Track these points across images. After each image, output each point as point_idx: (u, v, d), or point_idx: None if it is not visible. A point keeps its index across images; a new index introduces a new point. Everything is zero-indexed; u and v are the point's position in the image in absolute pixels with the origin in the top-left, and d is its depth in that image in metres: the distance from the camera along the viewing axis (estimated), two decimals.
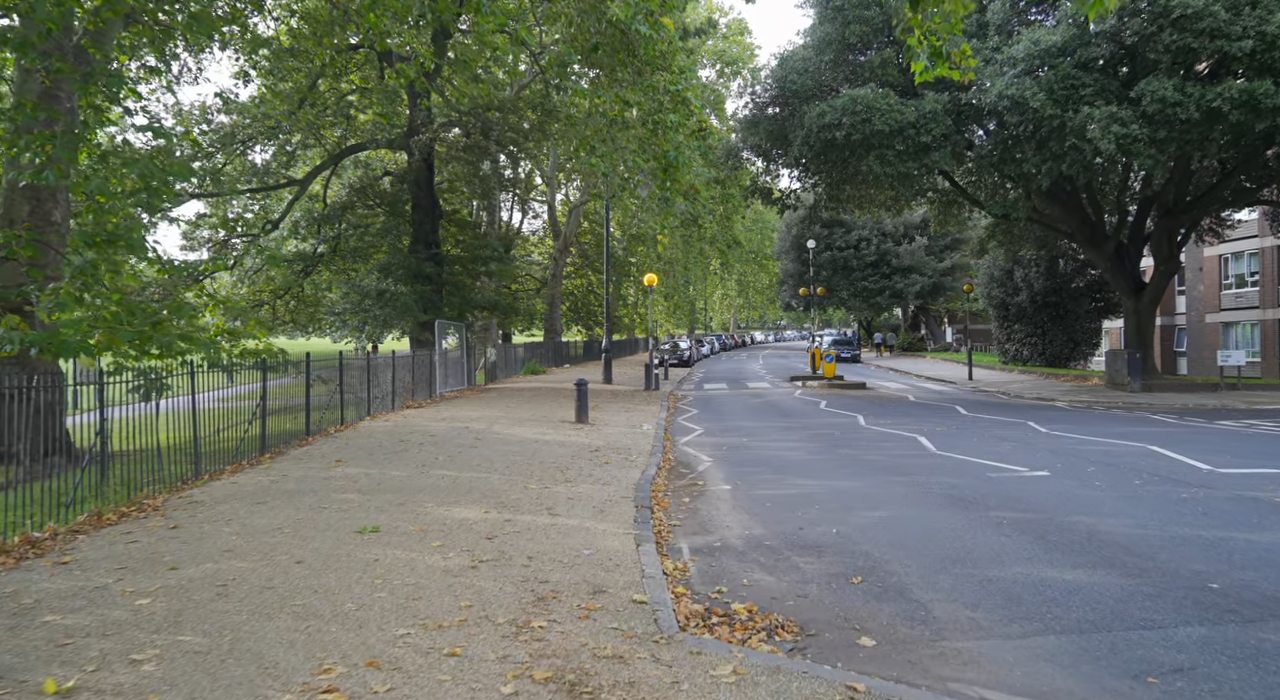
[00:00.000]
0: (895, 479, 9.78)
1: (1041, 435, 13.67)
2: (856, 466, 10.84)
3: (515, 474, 9.70)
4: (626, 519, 7.46)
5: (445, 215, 26.01)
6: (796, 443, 13.48)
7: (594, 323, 56.78)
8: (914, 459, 11.35)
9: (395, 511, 7.53)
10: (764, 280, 76.31)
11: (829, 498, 8.77)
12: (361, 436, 13.05)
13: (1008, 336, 36.48)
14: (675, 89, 16.71)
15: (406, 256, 23.77)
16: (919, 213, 50.26)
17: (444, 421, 15.28)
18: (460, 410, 17.49)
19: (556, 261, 42.16)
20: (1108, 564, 6.04)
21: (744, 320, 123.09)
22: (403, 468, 9.95)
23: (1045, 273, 34.07)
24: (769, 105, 23.87)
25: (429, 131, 21.74)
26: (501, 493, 8.52)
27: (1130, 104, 16.43)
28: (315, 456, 10.92)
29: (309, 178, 24.29)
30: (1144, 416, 16.87)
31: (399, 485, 8.80)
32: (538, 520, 7.31)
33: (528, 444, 12.37)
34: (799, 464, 11.23)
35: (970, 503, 8.28)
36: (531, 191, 50.35)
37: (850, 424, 16.04)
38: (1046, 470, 10.07)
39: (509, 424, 14.97)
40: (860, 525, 7.45)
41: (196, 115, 24.47)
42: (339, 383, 14.61)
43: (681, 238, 45.28)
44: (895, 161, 19.57)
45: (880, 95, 19.34)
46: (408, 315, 22.58)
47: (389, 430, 13.87)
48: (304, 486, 8.72)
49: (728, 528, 7.57)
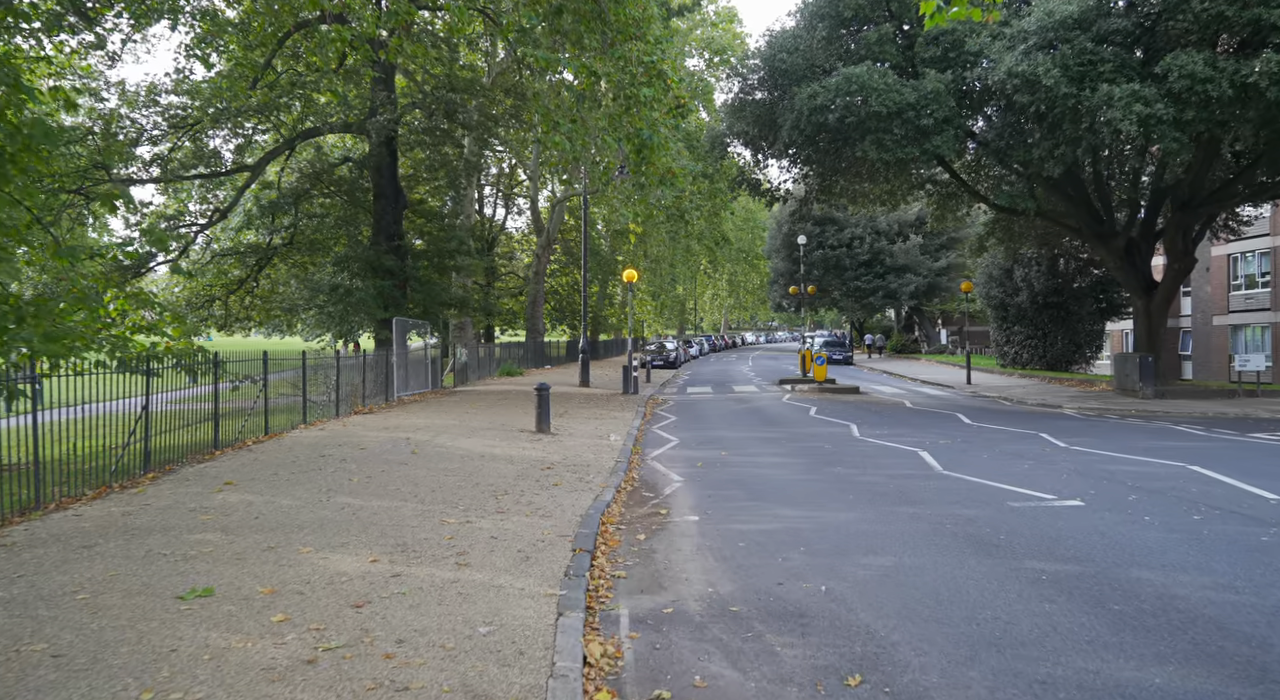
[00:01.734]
0: (898, 509, 8.10)
1: (1060, 451, 12.01)
2: (851, 491, 9.15)
3: (438, 502, 7.97)
4: (556, 571, 5.75)
5: (410, 205, 24.23)
6: (782, 458, 11.79)
7: (578, 322, 55.01)
8: (918, 481, 9.67)
9: (253, 561, 5.79)
10: (755, 280, 74.78)
11: (818, 536, 7.07)
12: (279, 450, 11.29)
13: (1007, 339, 34.92)
14: (650, 61, 15.00)
15: (365, 248, 22.00)
16: (913, 210, 48.78)
17: (385, 431, 13.53)
18: (410, 417, 15.74)
19: (539, 259, 40.42)
20: (1204, 656, 4.35)
21: (735, 321, 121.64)
22: (301, 493, 8.20)
23: (1046, 272, 32.53)
24: (756, 88, 22.19)
25: (387, 111, 19.96)
26: (409, 530, 6.79)
27: (1154, 81, 14.82)
28: (207, 477, 9.16)
29: (262, 163, 22.47)
30: (1166, 427, 15.25)
31: (281, 519, 7.06)
32: (438, 574, 5.59)
33: (470, 460, 10.63)
34: (783, 486, 9.53)
35: (994, 547, 6.59)
36: (516, 187, 48.64)
37: (843, 435, 14.36)
38: (1078, 498, 8.40)
39: (458, 434, 13.23)
40: (858, 581, 5.76)
41: (143, 97, 22.63)
42: (263, 387, 12.84)
43: (668, 233, 43.57)
44: (893, 146, 17.92)
45: (877, 74, 17.68)
46: (365, 312, 20.81)
47: (316, 442, 12.11)
48: (160, 522, 6.96)
49: (686, 581, 5.86)
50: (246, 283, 24.56)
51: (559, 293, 53.20)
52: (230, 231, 26.62)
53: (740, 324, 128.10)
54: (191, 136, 22.63)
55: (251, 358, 12.83)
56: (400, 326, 20.51)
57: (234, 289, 24.53)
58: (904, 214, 49.03)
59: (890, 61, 18.79)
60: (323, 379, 16.13)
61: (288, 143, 22.55)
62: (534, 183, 42.55)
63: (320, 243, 23.94)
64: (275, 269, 25.46)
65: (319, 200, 24.16)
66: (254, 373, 12.80)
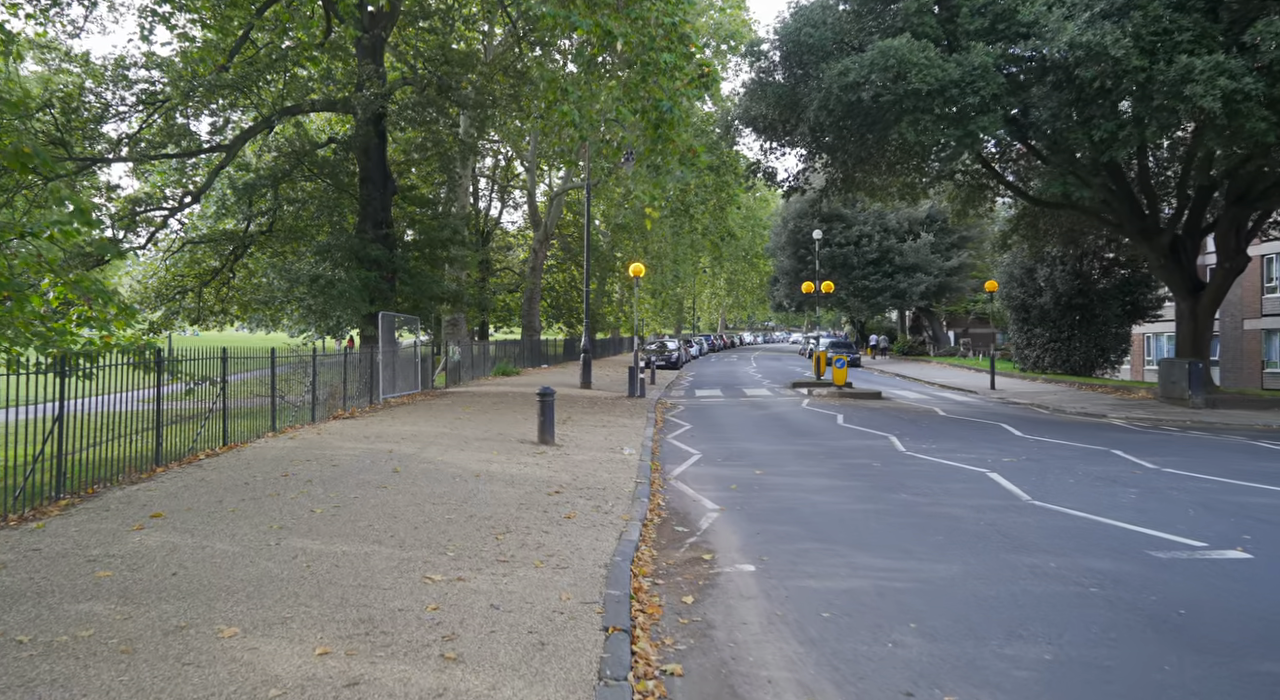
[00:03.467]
0: (1008, 559, 6.36)
1: (1155, 474, 10.30)
2: (933, 528, 7.41)
3: (420, 544, 6.20)
4: (585, 671, 4.00)
5: (400, 191, 22.40)
6: (829, 479, 10.05)
7: (575, 320, 53.31)
8: (1010, 515, 7.94)
9: (146, 656, 4.00)
10: (754, 279, 73.20)
11: (925, 603, 5.33)
12: (235, 466, 9.48)
13: (1027, 341, 33.28)
14: (670, 22, 13.27)
15: (350, 237, 20.15)
16: (924, 207, 47.16)
17: (365, 441, 11.74)
18: (396, 424, 13.94)
19: (536, 253, 38.61)
20: None
21: (732, 321, 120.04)
22: (244, 532, 6.41)
23: (1071, 272, 30.91)
24: (777, 68, 20.45)
25: (374, 86, 18.14)
26: (378, 594, 5.02)
27: (1242, 52, 13.13)
28: (133, 505, 7.35)
29: (238, 141, 20.57)
30: (1244, 443, 13.57)
31: (208, 576, 5.27)
32: (415, 679, 3.82)
33: (462, 480, 8.86)
34: (846, 520, 7.79)
35: (1178, 629, 4.85)
36: (512, 180, 46.83)
37: (886, 449, 12.63)
38: (1236, 547, 6.66)
39: (449, 446, 11.44)
40: (1021, 692, 4.01)
41: (110, 71, 20.73)
42: (221, 388, 11.03)
43: (671, 229, 41.80)
44: (932, 128, 16.20)
45: (917, 48, 15.96)
46: (349, 306, 18.96)
47: (281, 455, 10.31)
48: (38, 581, 5.15)
49: (769, 686, 4.11)
50: (222, 272, 22.67)
51: (555, 290, 51.41)
52: (208, 219, 24.77)
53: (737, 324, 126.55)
54: (163, 114, 20.75)
55: (210, 355, 11.02)
56: (387, 322, 18.70)
57: (208, 279, 22.64)
58: (915, 211, 47.41)
59: (929, 34, 17.06)
60: (300, 380, 14.34)
61: (266, 121, 20.68)
62: (531, 175, 40.77)
63: (301, 230, 22.07)
64: (254, 259, 23.59)
65: (300, 185, 22.30)
66: (212, 371, 11.00)
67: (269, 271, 20.68)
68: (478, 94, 20.54)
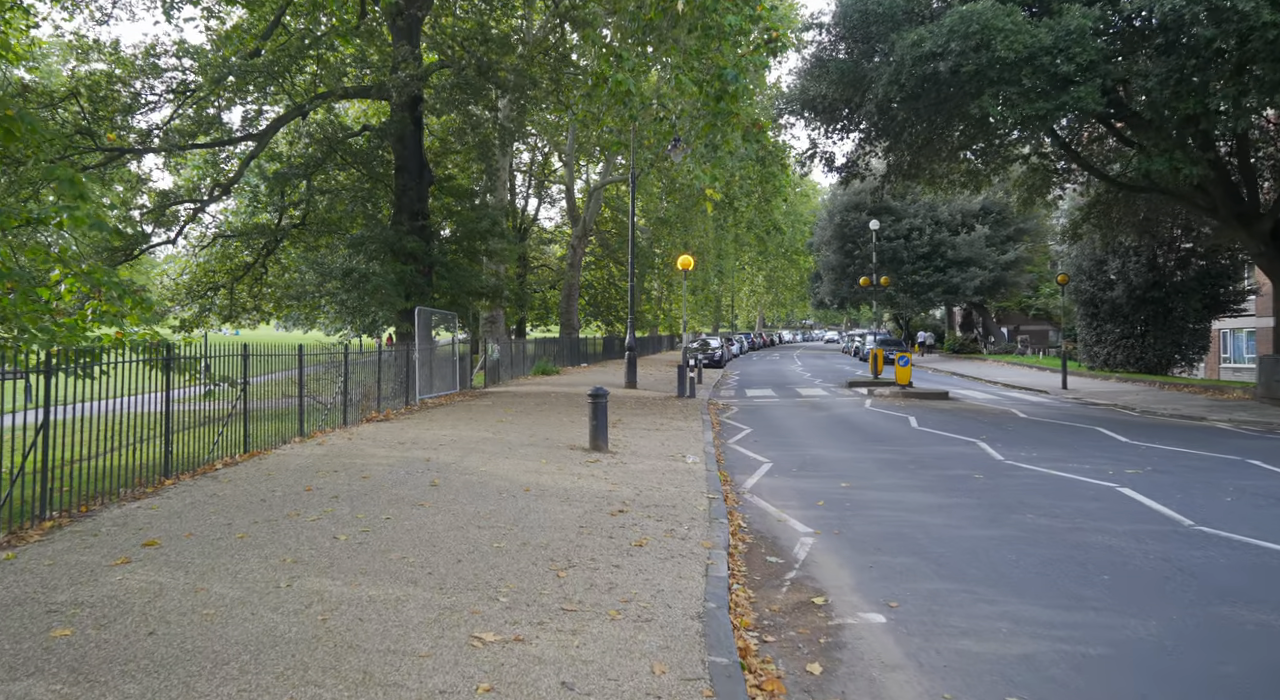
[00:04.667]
0: (1222, 612, 4.93)
1: None
2: (1090, 562, 5.99)
3: (464, 585, 4.97)
4: None
5: (437, 182, 21.36)
6: (929, 494, 8.65)
7: (614, 318, 52.13)
8: (1177, 545, 6.48)
9: None
10: (794, 276, 71.42)
11: (1149, 683, 3.94)
12: (253, 478, 8.38)
13: (1097, 338, 31.26)
14: None
15: (384, 229, 19.15)
16: (978, 199, 45.12)
17: (400, 447, 10.60)
18: (433, 428, 12.81)
19: (575, 250, 37.50)
20: None
21: (770, 319, 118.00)
22: (250, 569, 5.23)
23: (1145, 263, 28.88)
24: (838, 44, 18.98)
25: (409, 67, 17.06)
26: (412, 659, 3.79)
27: None
28: (127, 529, 6.24)
29: (270, 129, 19.71)
30: None
31: (193, 636, 4.07)
32: None
33: (511, 496, 7.64)
34: (976, 551, 6.40)
35: None
36: (549, 175, 45.80)
37: (980, 457, 11.17)
38: None
39: (493, 453, 10.25)
40: None
41: (140, 60, 19.97)
42: (242, 389, 9.96)
43: (715, 222, 40.36)
44: (1020, 102, 14.63)
45: (1002, 11, 14.41)
46: (384, 301, 17.95)
47: (306, 464, 9.19)
48: None
49: None
50: (254, 268, 21.86)
51: (594, 287, 50.25)
52: (242, 215, 24.01)
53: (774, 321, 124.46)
54: (194, 103, 19.94)
55: (230, 353, 9.97)
56: (424, 318, 17.63)
57: (240, 275, 21.84)
58: (968, 203, 45.38)
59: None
60: (331, 380, 13.31)
61: (298, 109, 19.76)
62: (569, 169, 39.67)
63: (335, 223, 21.13)
64: (287, 254, 22.75)
65: (334, 175, 21.38)
66: (233, 371, 9.95)
67: (301, 265, 19.75)
68: (518, 77, 19.39)
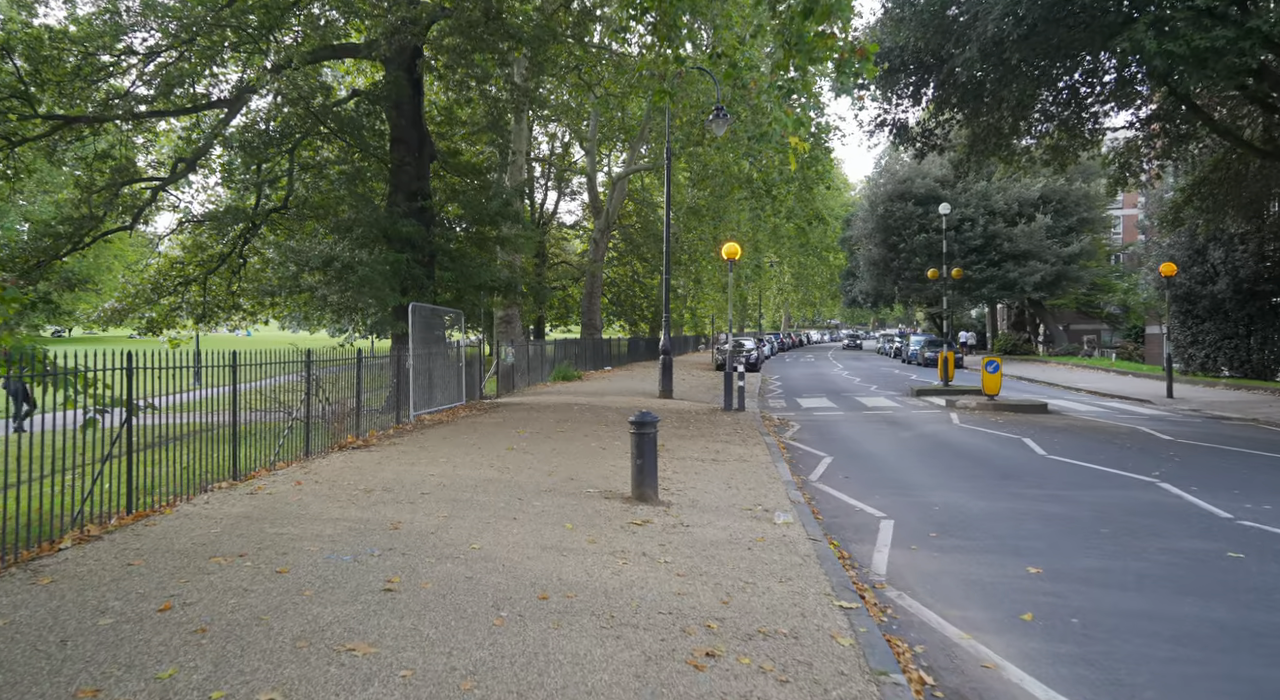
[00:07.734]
0: None
1: None
2: None
3: None
4: None
5: (440, 157, 18.23)
6: (1179, 592, 5.32)
7: (638, 317, 48.93)
8: None
9: None
10: (824, 273, 67.90)
11: None
12: (95, 575, 5.21)
13: (1193, 339, 27.60)
14: None
15: (375, 209, 16.03)
16: (1036, 186, 41.42)
17: (364, 498, 7.42)
18: (421, 461, 9.63)
19: (597, 244, 34.41)
20: None
21: (797, 318, 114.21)
22: None
23: (1254, 253, 25.22)
24: None
25: (402, 9, 13.91)
26: None
27: None
28: None
29: (243, 93, 16.64)
30: None
31: None
32: None
33: (516, 615, 4.40)
34: None
35: None
36: (569, 166, 42.69)
37: (1186, 512, 7.80)
38: None
39: (494, 510, 7.03)
40: None
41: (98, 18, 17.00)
42: (126, 417, 6.80)
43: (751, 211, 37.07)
44: (1186, 33, 11.21)
45: None
46: (372, 295, 14.82)
47: (209, 538, 6.02)
48: None
49: None
50: (231, 258, 18.83)
51: (617, 285, 47.05)
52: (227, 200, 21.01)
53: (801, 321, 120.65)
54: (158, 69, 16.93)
55: (114, 365, 6.83)
56: (420, 316, 14.48)
57: (214, 267, 18.82)
58: (1025, 191, 41.67)
59: None
60: (234, 399, 10.19)
61: (277, 69, 16.67)
62: (591, 158, 36.48)
63: (322, 206, 18.04)
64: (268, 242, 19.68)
65: (320, 148, 18.31)
66: (116, 385, 6.80)
67: (274, 254, 16.66)
68: (535, 28, 16.19)
